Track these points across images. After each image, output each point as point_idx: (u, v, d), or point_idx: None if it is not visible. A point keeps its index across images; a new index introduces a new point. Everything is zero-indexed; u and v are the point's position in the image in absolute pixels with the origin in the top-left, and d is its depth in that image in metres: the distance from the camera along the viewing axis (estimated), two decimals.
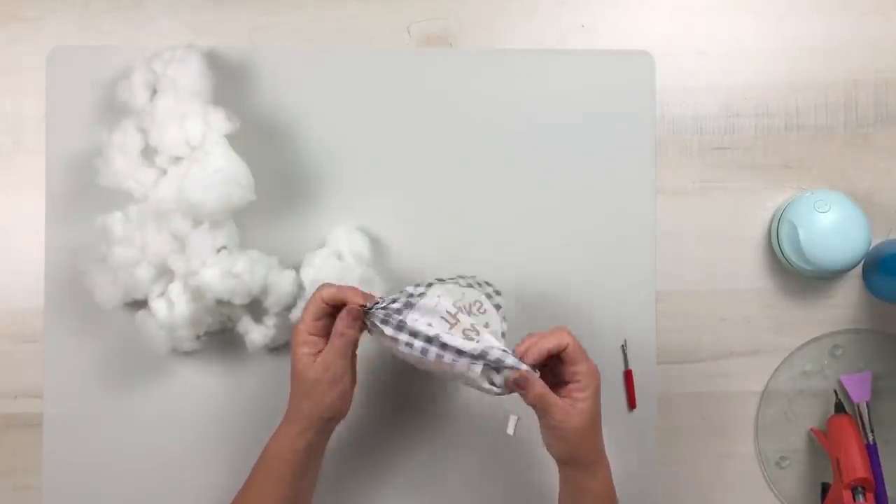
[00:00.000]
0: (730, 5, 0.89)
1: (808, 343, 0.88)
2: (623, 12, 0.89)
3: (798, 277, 0.88)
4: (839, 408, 0.87)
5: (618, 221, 0.87)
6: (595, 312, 0.87)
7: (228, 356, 0.85)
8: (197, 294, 0.79)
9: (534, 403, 0.73)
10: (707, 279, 0.88)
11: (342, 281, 0.78)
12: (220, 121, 0.79)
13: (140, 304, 0.81)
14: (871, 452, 0.85)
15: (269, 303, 0.81)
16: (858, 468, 0.83)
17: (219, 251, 0.80)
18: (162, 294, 0.80)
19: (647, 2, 0.89)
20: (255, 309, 0.82)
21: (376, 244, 0.85)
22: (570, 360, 0.73)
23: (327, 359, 0.73)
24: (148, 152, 0.80)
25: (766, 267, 0.89)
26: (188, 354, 0.83)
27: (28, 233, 0.85)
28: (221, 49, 0.86)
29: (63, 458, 0.84)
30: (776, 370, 0.88)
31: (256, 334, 0.81)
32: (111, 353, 0.84)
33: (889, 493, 0.86)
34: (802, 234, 0.83)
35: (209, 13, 0.87)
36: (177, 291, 0.79)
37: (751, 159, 0.89)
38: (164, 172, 0.80)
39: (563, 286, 0.87)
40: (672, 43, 0.89)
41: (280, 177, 0.85)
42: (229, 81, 0.85)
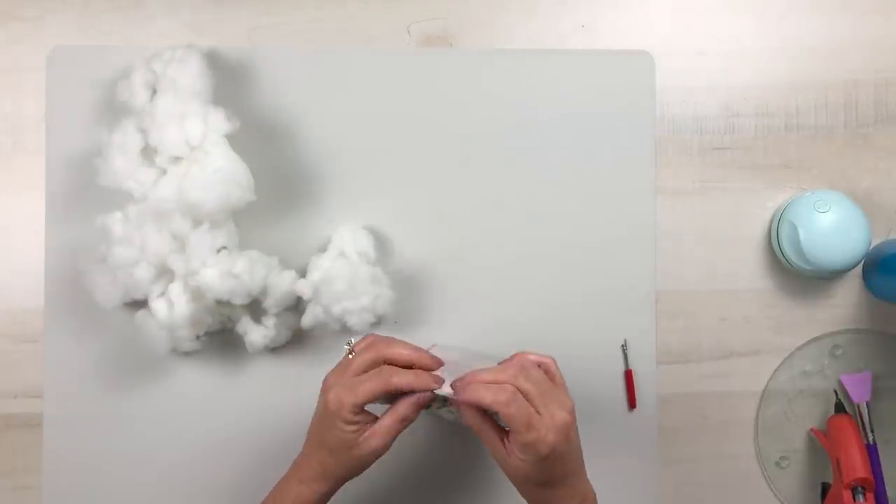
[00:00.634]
0: (730, 5, 0.89)
1: (808, 343, 0.88)
2: (623, 12, 0.89)
3: (798, 277, 0.88)
4: (839, 408, 0.87)
5: (618, 221, 0.87)
6: (595, 312, 0.87)
7: (228, 356, 0.85)
8: (197, 294, 0.79)
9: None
10: (707, 279, 0.88)
11: (352, 282, 0.78)
12: (220, 121, 0.79)
13: (140, 304, 0.81)
14: (871, 452, 0.85)
15: (269, 303, 0.81)
16: (858, 468, 0.83)
17: (218, 251, 0.80)
18: (162, 294, 0.80)
19: (647, 2, 0.89)
20: (255, 309, 0.82)
21: (376, 243, 0.85)
22: (510, 426, 0.66)
23: (386, 442, 0.70)
24: (148, 152, 0.80)
25: (766, 267, 0.89)
26: (188, 354, 0.83)
27: (28, 233, 0.85)
28: (221, 49, 0.86)
29: (63, 458, 0.84)
30: (776, 370, 0.88)
31: (256, 335, 0.81)
32: (111, 353, 0.84)
33: (889, 493, 0.86)
34: (802, 234, 0.83)
35: (209, 13, 0.87)
36: (177, 291, 0.79)
37: (751, 159, 0.89)
38: (164, 172, 0.80)
39: (564, 286, 0.87)
40: (672, 43, 0.89)
41: (280, 177, 0.85)
42: (229, 81, 0.85)
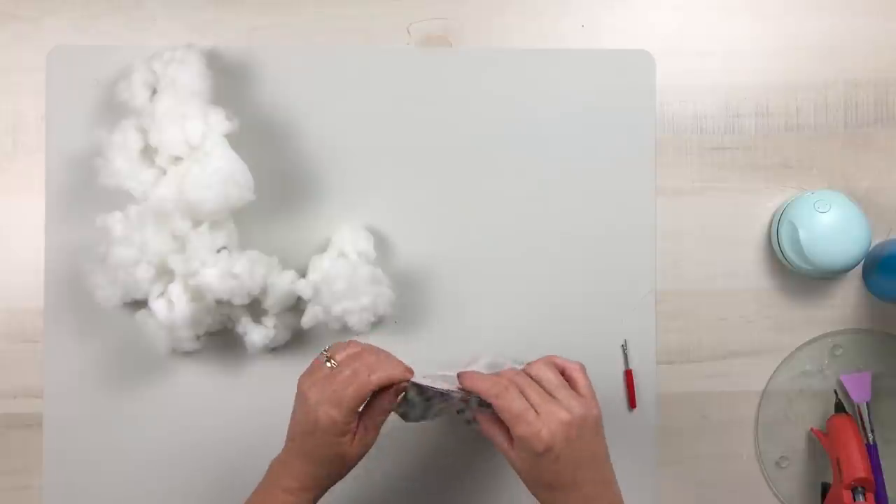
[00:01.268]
0: (730, 5, 0.89)
1: (808, 343, 0.88)
2: (623, 12, 0.89)
3: (798, 277, 0.88)
4: (839, 408, 0.87)
5: (618, 221, 0.87)
6: (595, 312, 0.87)
7: (228, 356, 0.85)
8: (197, 294, 0.79)
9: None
10: (707, 279, 0.88)
11: (352, 282, 0.78)
12: (220, 121, 0.79)
13: (140, 304, 0.81)
14: (871, 452, 0.85)
15: (269, 303, 0.81)
16: (858, 468, 0.83)
17: (218, 251, 0.80)
18: (162, 294, 0.80)
19: (647, 2, 0.89)
20: (255, 309, 0.82)
21: (376, 243, 0.85)
22: (503, 419, 0.68)
23: (371, 438, 0.71)
24: (148, 152, 0.80)
25: (766, 267, 0.89)
26: (188, 354, 0.83)
27: (28, 233, 0.85)
28: (221, 49, 0.86)
29: (63, 458, 0.84)
30: (776, 370, 0.88)
31: (256, 335, 0.81)
32: (111, 353, 0.84)
33: (889, 493, 0.86)
34: (802, 234, 0.83)
35: (209, 13, 0.87)
36: (177, 292, 0.79)
37: (751, 159, 0.89)
38: (164, 172, 0.80)
39: (564, 286, 0.87)
40: (672, 43, 0.89)
41: (280, 177, 0.85)
42: (229, 81, 0.85)
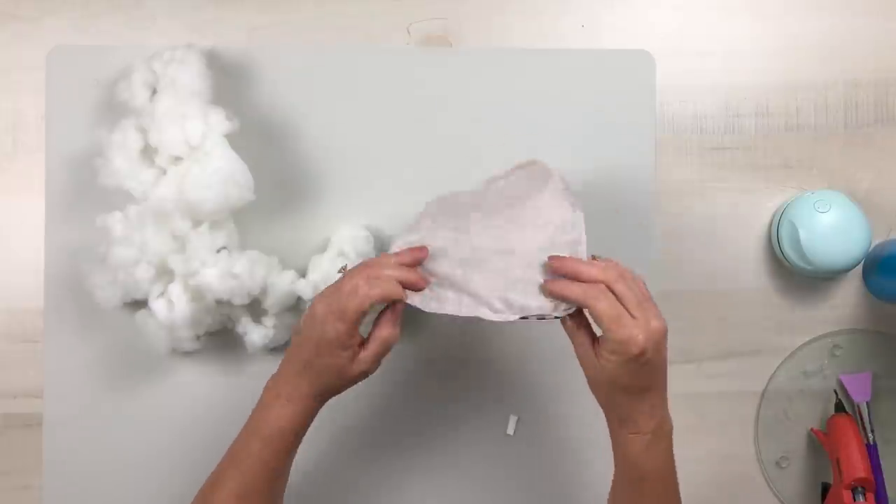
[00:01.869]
0: (730, 5, 0.89)
1: (808, 343, 0.88)
2: (623, 12, 0.89)
3: (798, 277, 0.88)
4: (839, 408, 0.87)
5: (618, 221, 0.87)
6: None
7: (228, 356, 0.85)
8: (197, 294, 0.79)
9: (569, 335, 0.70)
10: (707, 279, 0.88)
11: None
12: (220, 121, 0.79)
13: (140, 305, 0.81)
14: (871, 452, 0.85)
15: (269, 303, 0.81)
16: (858, 468, 0.83)
17: (218, 251, 0.80)
18: (162, 294, 0.80)
19: (647, 2, 0.89)
20: (255, 309, 0.82)
21: (376, 243, 0.85)
22: (598, 323, 0.66)
23: (371, 366, 0.70)
24: (148, 152, 0.80)
25: (766, 267, 0.89)
26: (188, 354, 0.83)
27: (28, 233, 0.85)
28: (221, 49, 0.86)
29: (63, 458, 0.84)
30: (776, 370, 0.88)
31: (255, 335, 0.81)
32: (111, 354, 0.84)
33: (889, 493, 0.86)
34: (802, 234, 0.83)
35: (209, 13, 0.87)
36: (177, 292, 0.79)
37: (751, 159, 0.89)
38: (164, 172, 0.80)
39: None
40: (672, 43, 0.89)
41: (280, 176, 0.85)
42: (229, 81, 0.85)
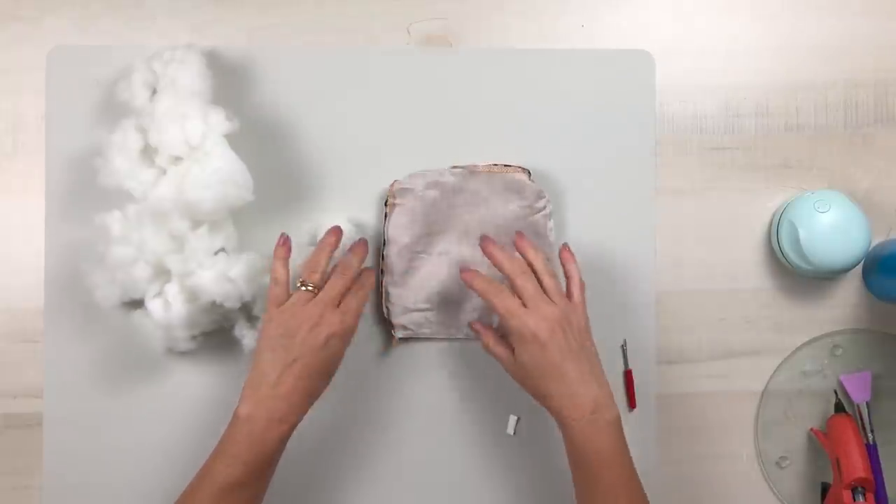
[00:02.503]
0: (730, 5, 0.89)
1: (808, 343, 0.88)
2: (623, 12, 0.89)
3: (798, 277, 0.88)
4: (839, 408, 0.87)
5: (618, 221, 0.87)
6: (595, 312, 0.86)
7: (227, 356, 0.84)
8: (192, 295, 0.79)
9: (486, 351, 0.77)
10: (707, 279, 0.88)
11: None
12: (221, 121, 0.79)
13: (138, 304, 0.81)
14: (871, 452, 0.85)
15: (260, 308, 0.81)
16: (858, 468, 0.83)
17: (216, 253, 0.80)
18: (158, 294, 0.80)
19: (647, 2, 0.89)
20: (251, 310, 0.82)
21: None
22: (499, 317, 0.74)
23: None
24: (148, 152, 0.80)
25: (766, 267, 0.89)
26: (189, 355, 0.83)
27: (28, 233, 0.85)
28: (221, 49, 0.86)
29: (63, 458, 0.84)
30: (776, 370, 0.88)
31: (250, 338, 0.81)
32: (111, 353, 0.84)
33: (889, 493, 0.86)
34: (802, 234, 0.83)
35: (209, 13, 0.87)
36: (173, 292, 0.79)
37: (751, 159, 0.89)
38: (164, 172, 0.80)
39: (563, 286, 0.87)
40: (672, 43, 0.89)
41: (280, 177, 0.85)
42: (229, 81, 0.85)
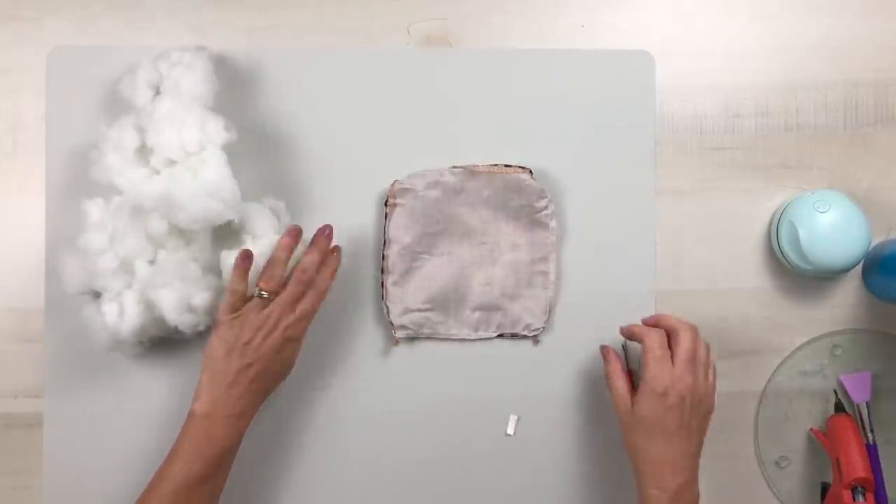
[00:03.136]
0: (730, 5, 0.89)
1: (808, 343, 0.88)
2: (623, 12, 0.89)
3: (798, 277, 0.88)
4: (839, 408, 0.87)
5: (618, 221, 0.87)
6: (595, 312, 0.87)
7: (176, 360, 0.85)
8: (149, 308, 0.78)
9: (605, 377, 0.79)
10: (707, 279, 0.88)
11: None
12: (218, 130, 0.79)
13: (98, 296, 0.80)
14: (871, 452, 0.85)
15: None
16: (858, 468, 0.83)
17: (187, 265, 0.79)
18: (116, 297, 0.78)
19: (647, 2, 0.89)
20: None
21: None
22: (642, 355, 0.76)
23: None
24: (143, 152, 0.80)
25: (766, 267, 0.89)
26: (188, 354, 0.83)
27: (28, 233, 0.85)
28: (222, 50, 0.86)
29: (63, 458, 0.84)
30: (776, 370, 0.88)
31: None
32: (111, 354, 0.84)
33: (889, 493, 0.86)
34: (802, 234, 0.83)
35: (209, 14, 0.87)
36: (130, 301, 0.78)
37: (751, 159, 0.89)
38: (158, 173, 0.79)
39: (563, 286, 0.87)
40: (672, 43, 0.89)
41: (280, 177, 0.85)
42: (229, 82, 0.85)
